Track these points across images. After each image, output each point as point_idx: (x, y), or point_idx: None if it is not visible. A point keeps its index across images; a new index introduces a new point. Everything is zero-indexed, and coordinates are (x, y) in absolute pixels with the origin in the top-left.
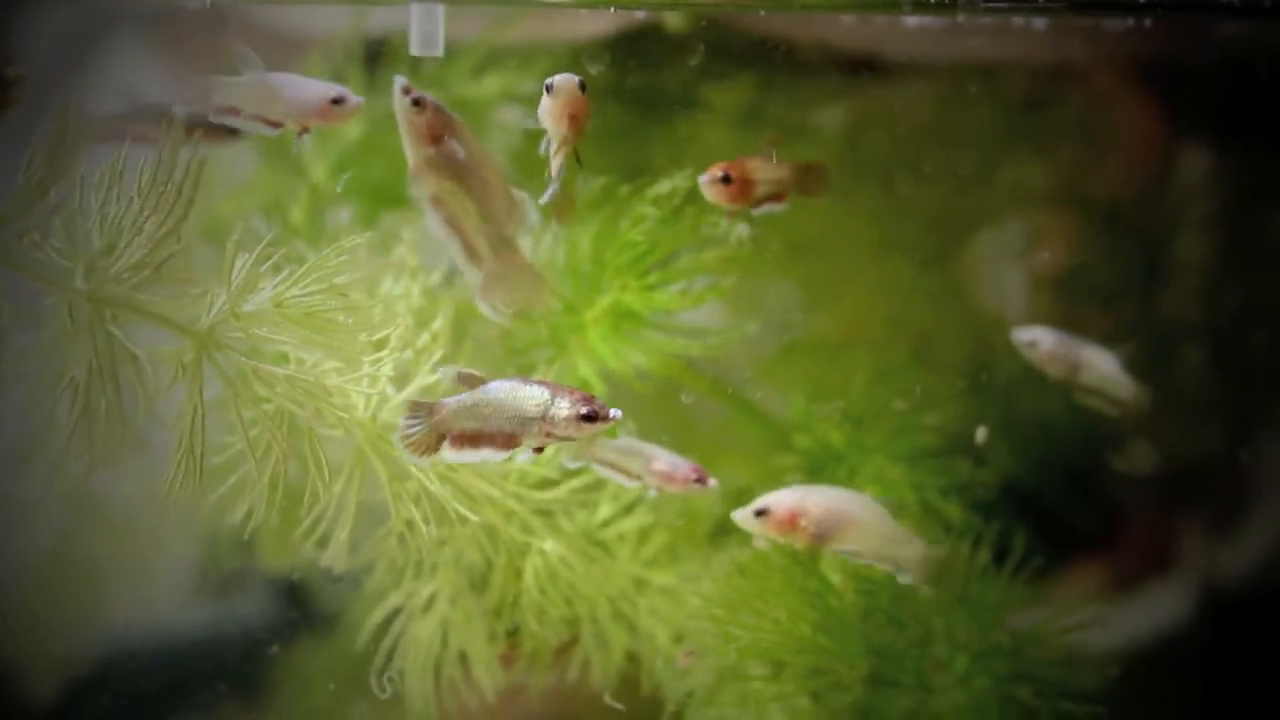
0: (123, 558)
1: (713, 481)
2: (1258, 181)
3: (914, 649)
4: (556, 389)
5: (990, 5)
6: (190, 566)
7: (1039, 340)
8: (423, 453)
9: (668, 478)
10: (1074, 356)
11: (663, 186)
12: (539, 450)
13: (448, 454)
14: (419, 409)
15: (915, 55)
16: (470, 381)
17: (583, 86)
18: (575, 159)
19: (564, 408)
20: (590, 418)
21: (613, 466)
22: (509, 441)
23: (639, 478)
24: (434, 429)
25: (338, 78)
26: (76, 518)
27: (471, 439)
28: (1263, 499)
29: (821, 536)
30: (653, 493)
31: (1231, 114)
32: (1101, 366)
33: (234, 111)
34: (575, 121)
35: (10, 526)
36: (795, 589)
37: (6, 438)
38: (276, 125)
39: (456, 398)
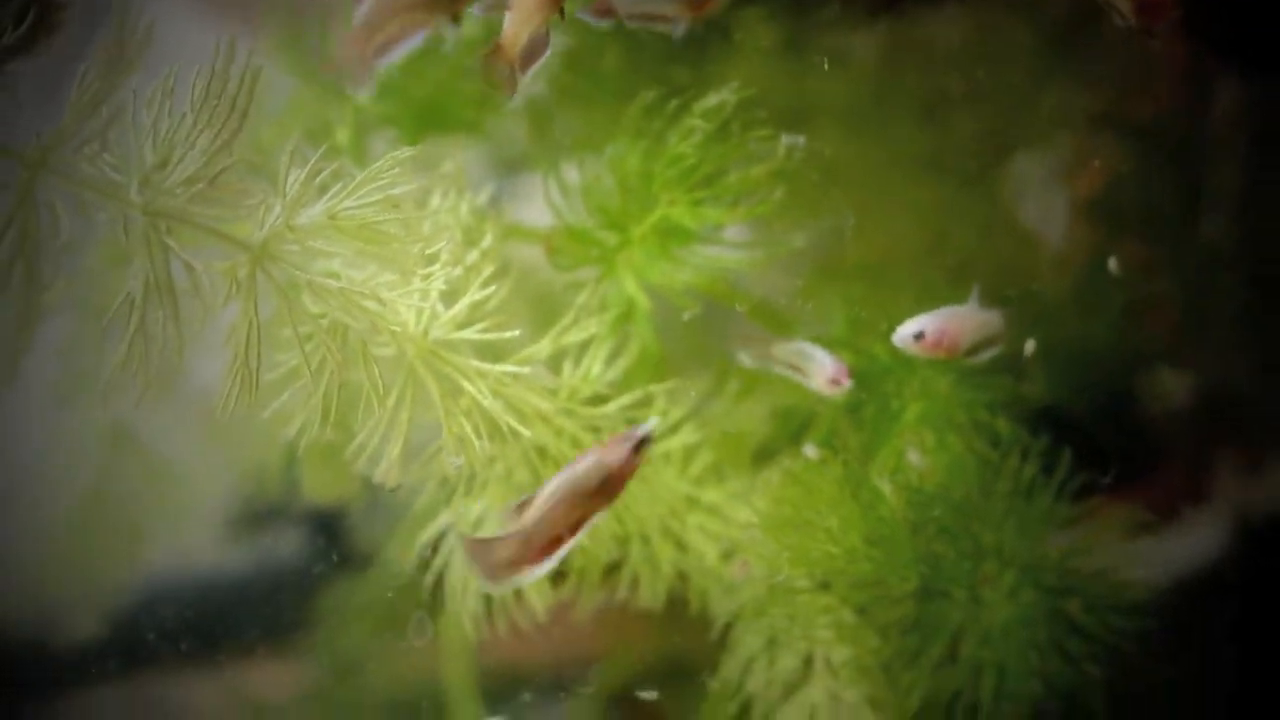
0: (164, 493)
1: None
2: None
3: (964, 561)
4: (596, 451)
5: None
6: (233, 501)
7: (923, 330)
8: (504, 582)
9: (830, 378)
10: (953, 335)
11: (710, 100)
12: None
13: (534, 572)
14: (490, 549)
15: None
16: (522, 505)
17: None
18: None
19: (616, 453)
20: (641, 443)
21: (790, 366)
22: (582, 521)
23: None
24: (512, 559)
25: None
26: (119, 452)
27: (550, 544)
28: None
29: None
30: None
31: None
32: (973, 325)
33: None
34: None
35: (55, 461)
36: (847, 499)
37: (53, 370)
38: None
39: (520, 521)
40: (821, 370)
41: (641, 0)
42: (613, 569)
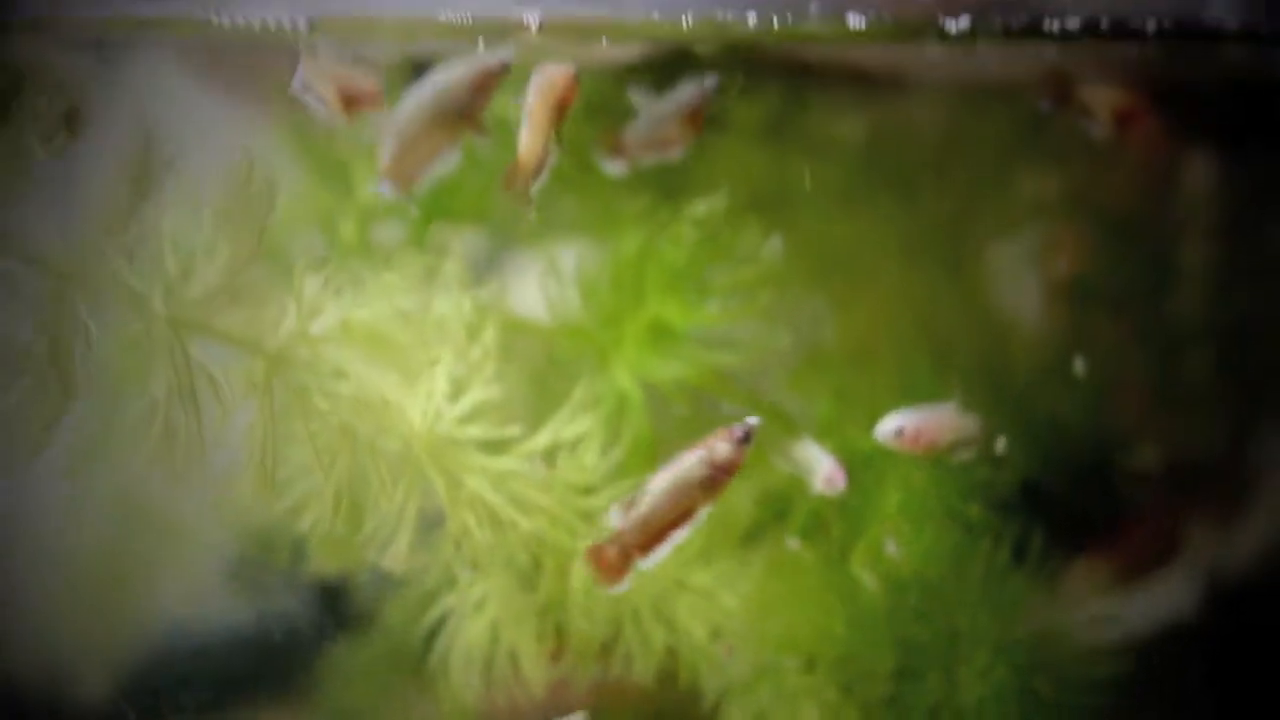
0: (173, 560)
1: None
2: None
3: (939, 643)
4: (703, 444)
5: (1009, 34)
6: (239, 567)
7: (903, 427)
8: (622, 577)
9: (826, 478)
10: (934, 429)
11: (699, 208)
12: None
13: (645, 563)
14: (602, 550)
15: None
16: (630, 502)
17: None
18: (557, 138)
19: (723, 448)
20: (746, 438)
21: (788, 459)
22: (688, 514)
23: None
24: (623, 552)
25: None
26: (131, 518)
27: (658, 536)
28: (1263, 493)
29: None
30: None
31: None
32: (956, 425)
33: None
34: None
35: (72, 526)
36: (827, 587)
37: (69, 446)
38: None
39: (628, 517)
40: (819, 470)
41: (648, 133)
42: (608, 646)
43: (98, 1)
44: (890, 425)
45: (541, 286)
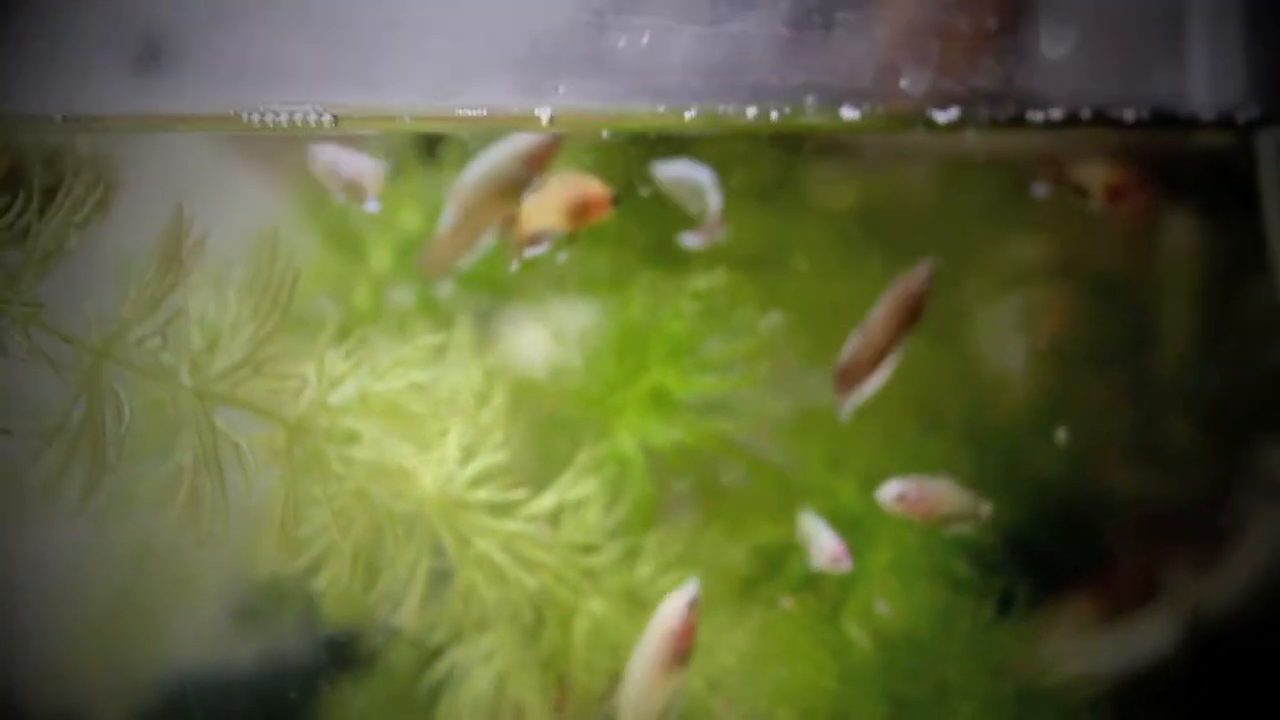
0: (186, 599)
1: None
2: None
3: (928, 696)
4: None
5: (996, 124)
6: (251, 616)
7: (905, 494)
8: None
9: (832, 557)
10: (933, 500)
11: (700, 282)
12: None
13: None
14: None
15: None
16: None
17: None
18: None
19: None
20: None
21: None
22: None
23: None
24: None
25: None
26: (144, 563)
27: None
28: (1240, 539)
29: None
30: None
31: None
32: (956, 499)
33: None
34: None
35: (86, 569)
36: (820, 643)
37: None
38: None
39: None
40: (824, 549)
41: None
42: (608, 698)
43: (132, 99)
44: (893, 490)
45: (548, 353)
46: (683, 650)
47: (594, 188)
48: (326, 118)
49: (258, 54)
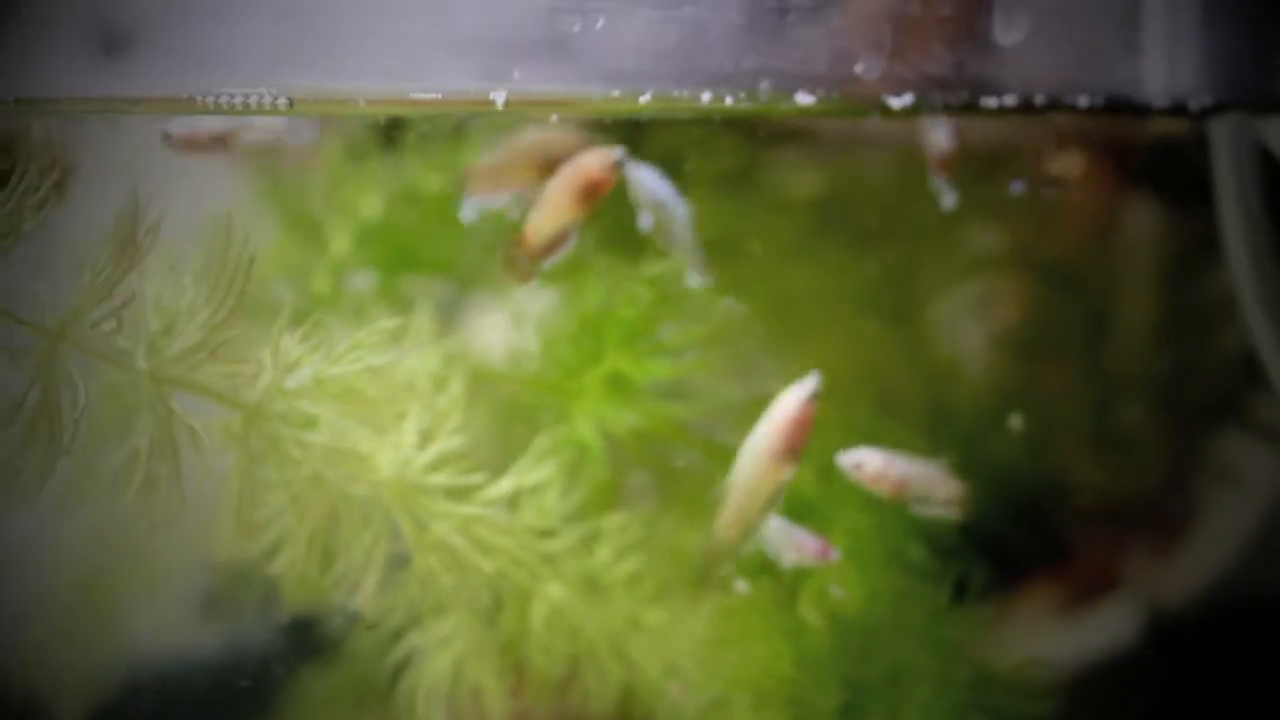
0: (144, 590)
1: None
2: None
3: (882, 680)
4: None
5: (950, 110)
6: (209, 599)
7: (864, 462)
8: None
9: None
10: (897, 474)
11: (656, 268)
12: None
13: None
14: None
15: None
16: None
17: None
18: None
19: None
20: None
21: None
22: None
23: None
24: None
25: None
26: (104, 548)
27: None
28: (1198, 527)
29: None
30: None
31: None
32: (924, 477)
33: None
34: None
35: (46, 555)
36: (775, 628)
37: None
38: None
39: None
40: (805, 546)
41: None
42: (566, 682)
43: (87, 82)
44: (851, 458)
45: (506, 338)
46: (797, 442)
47: (590, 162)
48: (282, 100)
49: (214, 37)
